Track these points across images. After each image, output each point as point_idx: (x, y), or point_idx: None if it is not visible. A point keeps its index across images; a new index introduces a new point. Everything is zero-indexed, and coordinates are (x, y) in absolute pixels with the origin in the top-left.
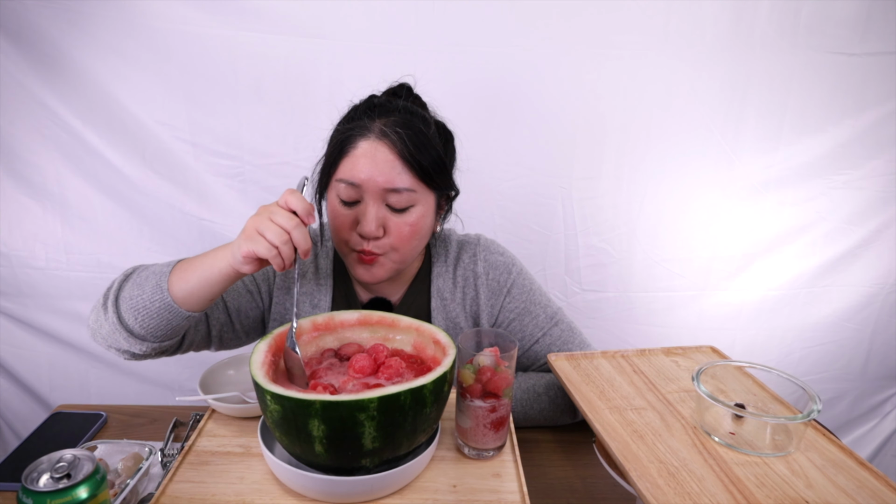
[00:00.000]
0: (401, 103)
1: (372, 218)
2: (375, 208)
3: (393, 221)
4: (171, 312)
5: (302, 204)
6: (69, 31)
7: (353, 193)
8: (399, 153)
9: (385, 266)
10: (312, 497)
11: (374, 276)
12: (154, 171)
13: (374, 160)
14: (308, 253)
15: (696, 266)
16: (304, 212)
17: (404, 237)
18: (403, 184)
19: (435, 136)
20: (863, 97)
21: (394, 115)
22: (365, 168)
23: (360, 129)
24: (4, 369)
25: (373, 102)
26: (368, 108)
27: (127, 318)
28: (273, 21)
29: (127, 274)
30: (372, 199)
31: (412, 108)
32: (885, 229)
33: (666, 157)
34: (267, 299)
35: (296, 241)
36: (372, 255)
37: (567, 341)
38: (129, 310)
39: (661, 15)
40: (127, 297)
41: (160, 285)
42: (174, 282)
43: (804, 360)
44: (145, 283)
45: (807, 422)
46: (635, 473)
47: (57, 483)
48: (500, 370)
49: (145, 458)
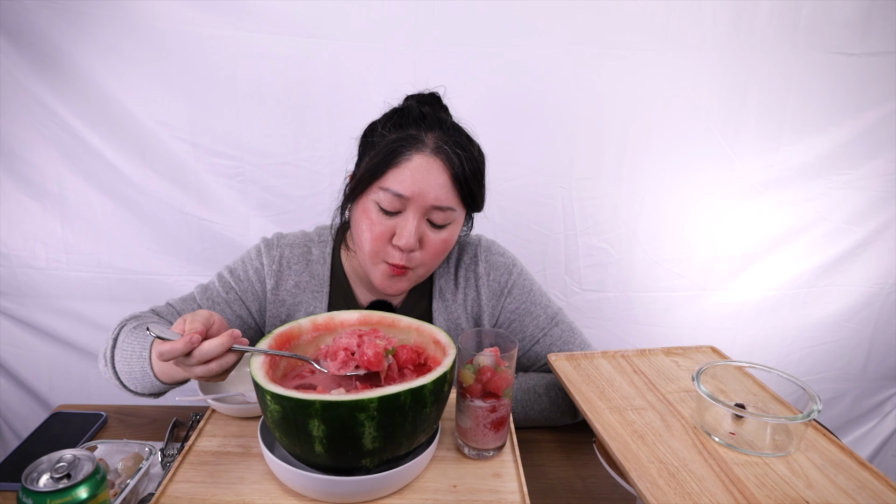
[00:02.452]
0: (449, 119)
1: (412, 232)
2: (417, 222)
3: (429, 237)
4: (163, 387)
5: (180, 347)
6: (69, 31)
7: (396, 204)
8: (453, 174)
9: (411, 280)
10: (312, 497)
11: (398, 289)
12: (154, 171)
13: (428, 176)
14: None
15: (696, 266)
16: (187, 347)
17: (437, 252)
18: (450, 203)
19: (480, 157)
20: (863, 97)
21: (443, 130)
22: (417, 182)
23: (413, 141)
24: (4, 369)
25: (422, 112)
26: (418, 118)
27: (127, 384)
28: (273, 21)
29: (115, 336)
30: (415, 213)
31: (459, 127)
32: (885, 229)
33: (666, 157)
34: (259, 317)
35: (225, 365)
36: (403, 269)
37: (567, 342)
38: (127, 381)
39: (661, 15)
40: (121, 370)
41: (145, 370)
42: (157, 371)
43: (804, 360)
44: (132, 362)
45: (807, 422)
46: (635, 473)
47: (57, 483)
48: (500, 370)
49: (145, 458)
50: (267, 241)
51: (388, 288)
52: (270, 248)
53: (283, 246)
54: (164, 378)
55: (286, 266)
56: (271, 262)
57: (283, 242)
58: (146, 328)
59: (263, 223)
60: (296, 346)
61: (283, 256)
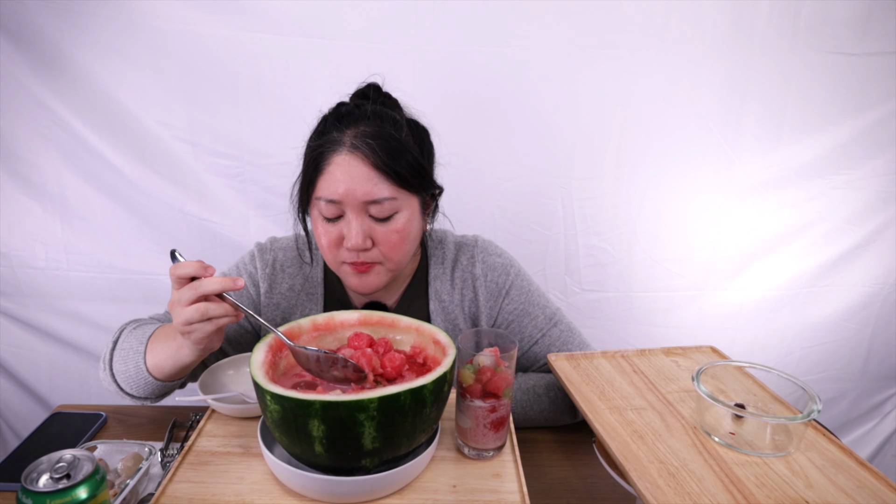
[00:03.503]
0: (370, 108)
1: (357, 232)
2: (359, 221)
3: (379, 231)
4: (157, 385)
5: (191, 267)
6: (69, 31)
7: (334, 210)
8: (373, 164)
9: (380, 274)
10: (312, 497)
11: (369, 286)
12: (154, 171)
13: (350, 174)
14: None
15: (696, 266)
16: (198, 270)
17: (394, 245)
18: (382, 194)
19: (408, 138)
20: (863, 97)
21: (363, 123)
22: (342, 183)
23: (330, 144)
24: (4, 369)
25: (340, 112)
26: (336, 119)
27: (124, 387)
28: (273, 21)
29: (115, 340)
30: (354, 212)
31: (381, 112)
32: (885, 229)
33: (666, 157)
34: (255, 322)
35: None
36: (367, 265)
37: (566, 342)
38: (123, 382)
39: (661, 14)
40: (117, 370)
41: (139, 367)
42: (152, 367)
43: (804, 360)
44: (128, 359)
45: (807, 422)
46: (635, 473)
47: (57, 483)
48: (499, 370)
49: (145, 458)
50: (260, 246)
51: (361, 286)
52: (264, 252)
53: (277, 249)
54: (155, 371)
55: (280, 269)
56: (264, 265)
57: (277, 246)
58: (171, 252)
59: (263, 223)
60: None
61: (277, 260)
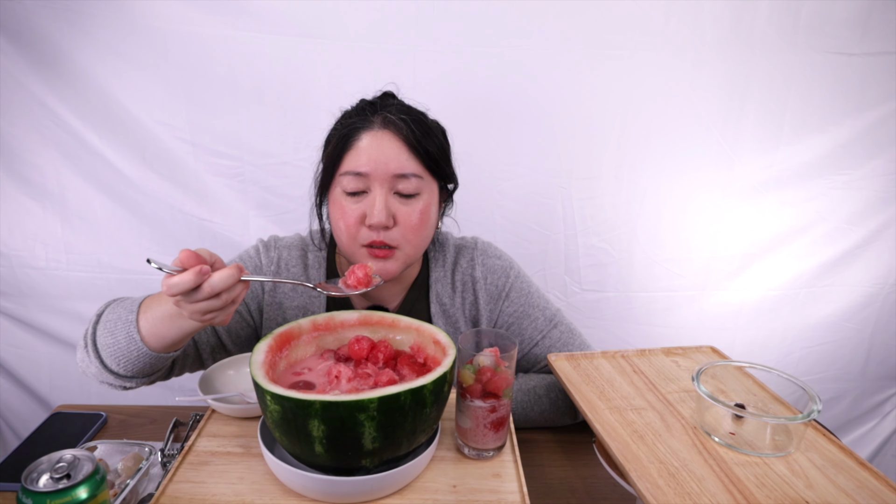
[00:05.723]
0: (394, 101)
1: (382, 206)
2: (384, 196)
3: (402, 210)
4: (150, 357)
5: (189, 281)
6: (69, 31)
7: (359, 184)
8: (405, 139)
9: (399, 260)
10: (312, 497)
11: (387, 272)
12: (154, 171)
13: (381, 148)
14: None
15: (696, 266)
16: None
17: (414, 226)
18: (411, 169)
19: (435, 125)
20: (863, 97)
21: (392, 108)
22: (373, 156)
23: (362, 122)
24: (4, 369)
25: (366, 101)
26: (364, 108)
27: (109, 363)
28: (273, 21)
29: (99, 314)
30: (380, 187)
31: (408, 105)
32: (885, 229)
33: (665, 157)
34: (258, 316)
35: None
36: (385, 250)
37: (566, 343)
38: (110, 357)
39: (661, 15)
40: (103, 344)
41: (131, 336)
42: (145, 333)
43: (804, 360)
44: (116, 330)
45: (807, 422)
46: (635, 473)
47: (57, 483)
48: (500, 370)
49: (145, 458)
50: (265, 243)
51: (380, 272)
52: (269, 249)
53: (281, 248)
54: (151, 339)
55: (284, 268)
56: (270, 262)
57: (281, 244)
58: (147, 260)
59: (263, 223)
60: (296, 345)
61: (282, 258)
